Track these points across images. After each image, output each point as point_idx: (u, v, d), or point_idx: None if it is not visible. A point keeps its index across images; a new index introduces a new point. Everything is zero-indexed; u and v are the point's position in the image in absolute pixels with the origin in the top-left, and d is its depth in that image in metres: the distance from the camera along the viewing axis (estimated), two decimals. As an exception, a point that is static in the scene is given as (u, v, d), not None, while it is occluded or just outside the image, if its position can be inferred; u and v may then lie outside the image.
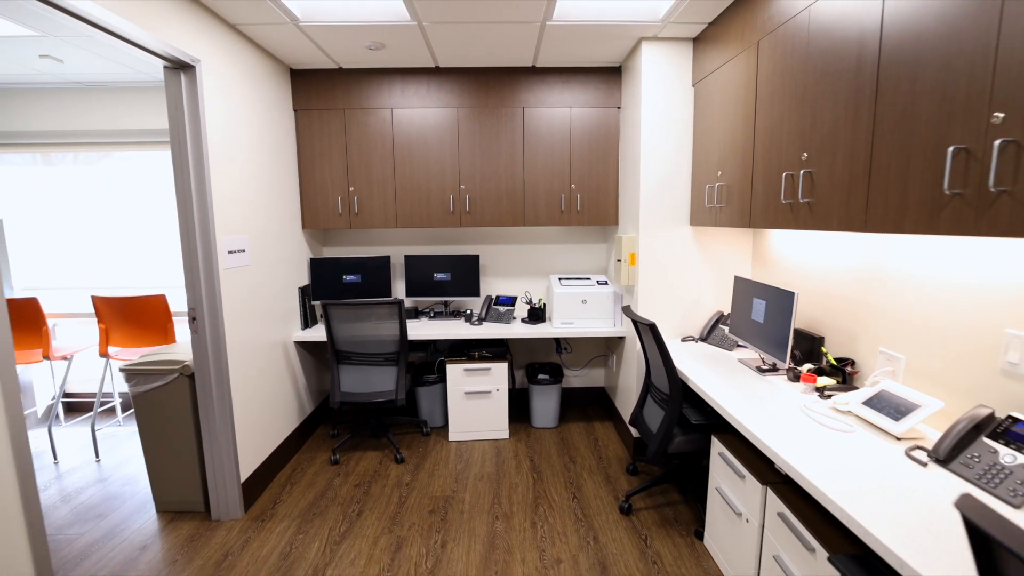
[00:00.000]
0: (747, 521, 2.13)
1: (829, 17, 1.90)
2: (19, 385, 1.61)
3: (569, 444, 3.77)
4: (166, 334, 3.66)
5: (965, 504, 0.86)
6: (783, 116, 2.23)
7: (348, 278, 4.03)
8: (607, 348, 4.38)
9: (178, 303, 4.34)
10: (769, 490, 1.98)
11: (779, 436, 1.90)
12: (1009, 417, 1.60)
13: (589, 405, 4.52)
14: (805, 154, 2.06)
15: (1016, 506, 1.41)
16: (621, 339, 3.85)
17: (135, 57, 2.20)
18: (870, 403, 2.02)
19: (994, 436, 1.60)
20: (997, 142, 1.24)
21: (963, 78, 1.35)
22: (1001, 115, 1.24)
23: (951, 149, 1.37)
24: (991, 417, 1.65)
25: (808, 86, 2.04)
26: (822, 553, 1.61)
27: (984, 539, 0.87)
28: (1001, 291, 1.70)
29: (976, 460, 1.57)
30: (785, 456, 1.74)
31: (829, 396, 2.27)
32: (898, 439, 1.86)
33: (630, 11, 2.81)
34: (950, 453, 1.64)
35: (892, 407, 1.94)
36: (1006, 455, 1.53)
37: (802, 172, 2.07)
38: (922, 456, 1.71)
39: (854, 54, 1.77)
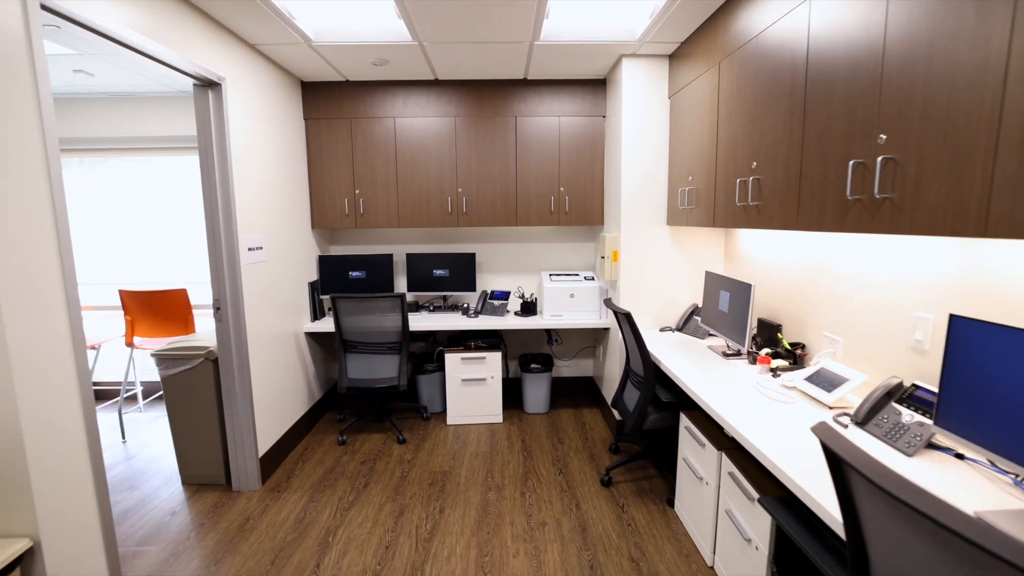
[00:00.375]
0: (707, 484, 2.44)
1: (771, 46, 2.21)
2: (89, 371, 1.91)
3: (558, 428, 4.09)
4: (187, 325, 3.97)
5: (819, 429, 1.17)
6: (738, 129, 2.54)
7: (354, 274, 4.35)
8: (595, 340, 4.69)
9: (197, 297, 4.66)
10: (723, 455, 2.29)
11: (732, 408, 2.21)
12: (913, 385, 1.91)
13: (578, 393, 4.83)
14: (754, 163, 2.38)
15: (909, 455, 1.72)
16: (606, 330, 4.17)
17: (163, 74, 2.50)
18: (811, 379, 2.33)
19: (900, 401, 1.91)
20: (880, 158, 1.55)
21: (860, 104, 1.66)
22: (884, 137, 1.55)
23: (852, 163, 1.68)
24: (900, 386, 1.96)
25: (757, 104, 2.35)
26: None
27: (834, 456, 1.17)
28: (913, 282, 2.01)
29: (885, 421, 1.88)
30: (733, 423, 2.05)
31: (779, 375, 2.58)
32: (830, 408, 2.17)
33: (610, 32, 3.13)
34: (866, 416, 1.95)
35: (827, 381, 2.25)
36: (906, 415, 1.84)
37: (751, 179, 2.39)
38: (845, 420, 2.02)
39: (788, 79, 2.08)
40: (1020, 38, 1.16)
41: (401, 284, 4.65)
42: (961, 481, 1.53)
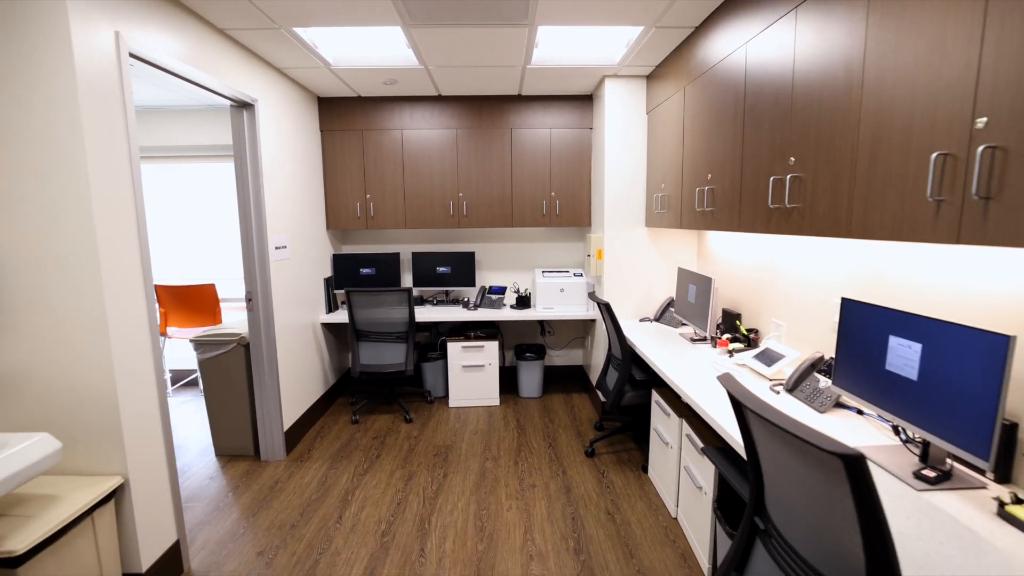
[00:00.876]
0: (671, 447, 2.88)
1: (722, 77, 2.65)
2: (159, 341, 2.33)
3: (550, 410, 4.52)
4: (215, 316, 4.41)
5: (723, 379, 1.60)
6: (699, 145, 2.98)
7: (364, 271, 4.79)
8: (584, 331, 5.13)
9: (224, 291, 5.09)
10: (683, 421, 2.72)
11: (690, 382, 2.65)
12: (831, 357, 2.35)
13: (569, 380, 5.27)
14: (710, 175, 2.81)
15: (820, 412, 2.15)
16: (593, 322, 4.60)
17: (205, 95, 2.91)
18: (757, 357, 2.77)
19: (821, 371, 2.35)
20: (789, 176, 1.98)
21: (779, 132, 2.10)
22: (793, 159, 1.99)
23: (772, 179, 2.11)
24: (821, 359, 2.39)
25: (712, 125, 2.79)
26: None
27: (733, 398, 1.61)
28: (835, 275, 2.45)
29: (807, 387, 2.32)
30: (689, 392, 2.49)
31: (734, 355, 3.01)
32: (769, 379, 2.60)
33: (592, 57, 3.57)
34: (794, 384, 2.39)
35: (769, 359, 2.68)
36: (823, 382, 2.27)
37: (707, 188, 2.82)
38: (778, 388, 2.45)
39: (732, 106, 2.52)
40: (870, 88, 1.59)
41: (407, 280, 5.09)
42: (854, 428, 1.97)
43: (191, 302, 4.38)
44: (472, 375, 4.54)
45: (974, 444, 1.43)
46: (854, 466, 1.08)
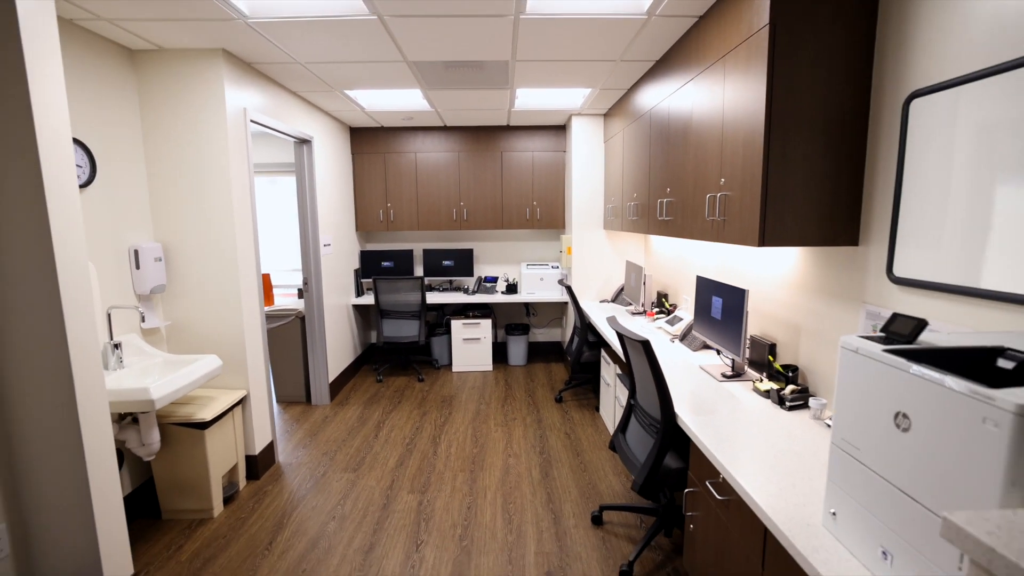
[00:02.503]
0: (609, 385, 4.09)
1: (643, 121, 3.85)
2: (262, 304, 3.54)
3: (532, 373, 5.74)
4: (270, 299, 5.61)
5: (609, 320, 2.80)
6: (631, 170, 4.18)
7: (385, 263, 6.00)
8: (561, 313, 6.34)
9: (277, 279, 6.29)
10: (616, 366, 3.93)
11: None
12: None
13: (549, 353, 6.49)
14: (635, 193, 4.02)
15: (693, 351, 3.35)
16: (567, 304, 5.81)
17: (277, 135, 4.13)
18: (668, 321, 3.97)
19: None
20: (720, 194, 3.19)
21: (671, 162, 3.30)
22: (724, 180, 3.20)
23: (660, 200, 3.32)
24: (700, 319, 3.60)
25: (639, 156, 4.00)
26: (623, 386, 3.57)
27: (616, 330, 2.80)
28: (716, 262, 3.65)
29: (690, 337, 3.52)
30: (615, 344, 3.68)
31: (656, 320, 4.22)
32: (672, 335, 3.80)
33: (560, 103, 4.77)
34: (683, 336, 3.59)
35: (675, 321, 3.89)
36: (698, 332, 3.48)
37: (633, 203, 4.03)
38: (675, 340, 3.65)
39: (647, 141, 3.72)
40: (728, 123, 2.79)
41: (419, 270, 6.31)
42: (705, 360, 3.17)
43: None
44: (470, 346, 5.75)
45: (737, 350, 2.64)
46: (647, 346, 2.29)
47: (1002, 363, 1.10)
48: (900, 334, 1.24)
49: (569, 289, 4.56)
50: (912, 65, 1.81)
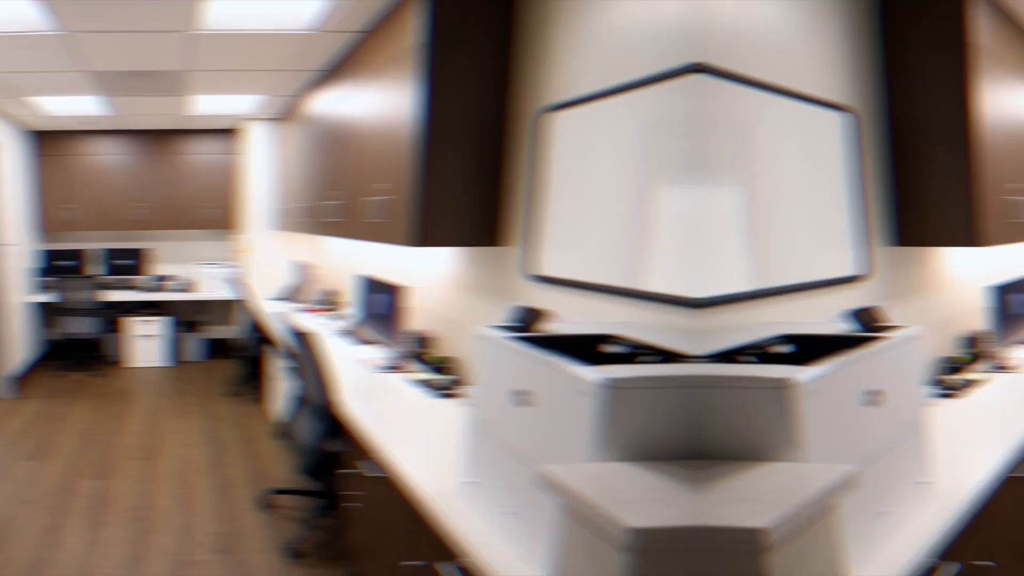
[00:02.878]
0: (278, 378, 3.85)
1: (320, 127, 3.73)
2: None
3: (206, 369, 5.93)
4: None
5: (279, 316, 2.60)
6: (303, 174, 4.09)
7: (67, 262, 5.99)
8: (235, 310, 5.84)
9: None
10: (285, 360, 3.65)
11: (279, 326, 3.60)
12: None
13: (223, 350, 6.21)
14: (306, 195, 3.90)
15: (358, 345, 3.35)
16: (239, 301, 5.43)
17: None
18: (337, 317, 3.94)
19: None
20: (336, 201, 3.12)
21: (332, 164, 3.21)
22: (337, 192, 3.12)
23: (332, 203, 3.23)
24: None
25: (310, 160, 3.89)
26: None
27: (287, 329, 2.61)
28: (370, 262, 3.71)
29: (356, 333, 3.52)
30: (285, 338, 3.42)
31: (324, 316, 4.12)
32: (337, 330, 3.73)
33: (238, 108, 4.72)
34: (347, 331, 3.57)
35: (338, 314, 3.85)
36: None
37: (305, 205, 3.90)
38: (341, 335, 3.60)
39: (316, 148, 3.61)
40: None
41: (99, 269, 6.08)
42: (368, 354, 3.15)
43: None
44: (147, 343, 5.85)
45: (395, 343, 2.76)
46: (312, 339, 2.25)
47: (608, 348, 1.37)
48: (521, 323, 1.45)
49: (242, 287, 4.21)
50: (544, 84, 2.03)
